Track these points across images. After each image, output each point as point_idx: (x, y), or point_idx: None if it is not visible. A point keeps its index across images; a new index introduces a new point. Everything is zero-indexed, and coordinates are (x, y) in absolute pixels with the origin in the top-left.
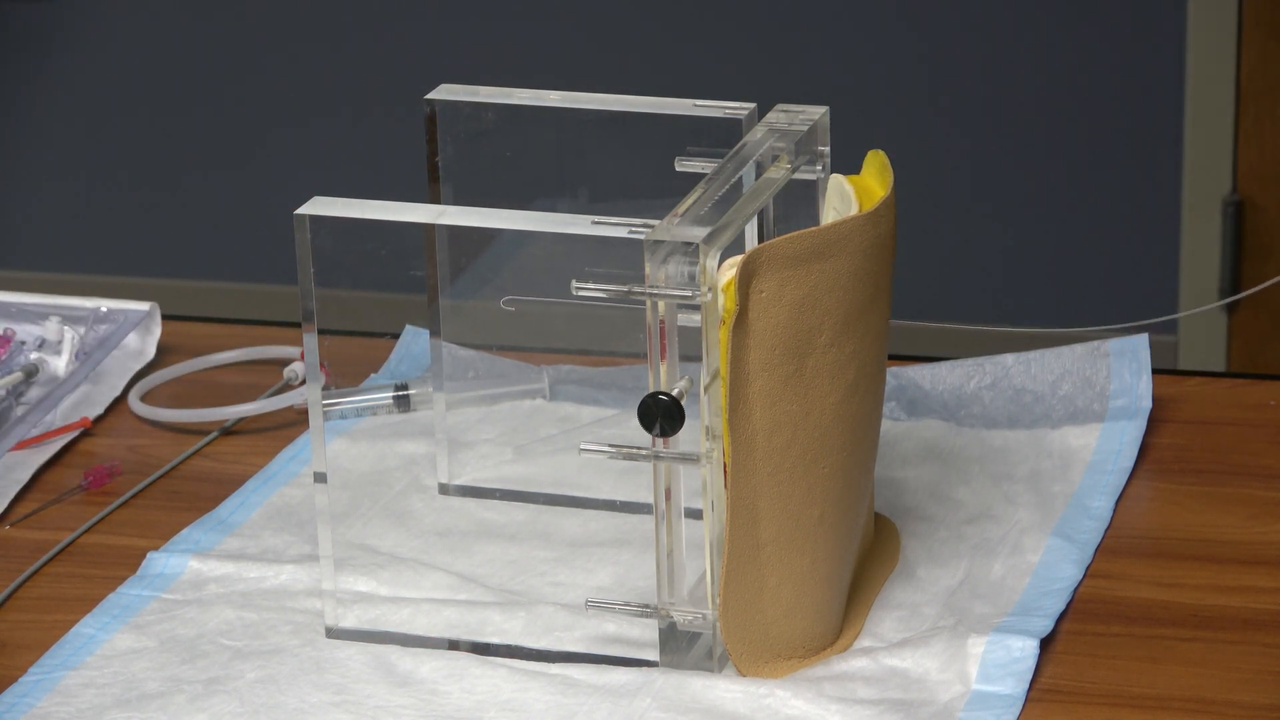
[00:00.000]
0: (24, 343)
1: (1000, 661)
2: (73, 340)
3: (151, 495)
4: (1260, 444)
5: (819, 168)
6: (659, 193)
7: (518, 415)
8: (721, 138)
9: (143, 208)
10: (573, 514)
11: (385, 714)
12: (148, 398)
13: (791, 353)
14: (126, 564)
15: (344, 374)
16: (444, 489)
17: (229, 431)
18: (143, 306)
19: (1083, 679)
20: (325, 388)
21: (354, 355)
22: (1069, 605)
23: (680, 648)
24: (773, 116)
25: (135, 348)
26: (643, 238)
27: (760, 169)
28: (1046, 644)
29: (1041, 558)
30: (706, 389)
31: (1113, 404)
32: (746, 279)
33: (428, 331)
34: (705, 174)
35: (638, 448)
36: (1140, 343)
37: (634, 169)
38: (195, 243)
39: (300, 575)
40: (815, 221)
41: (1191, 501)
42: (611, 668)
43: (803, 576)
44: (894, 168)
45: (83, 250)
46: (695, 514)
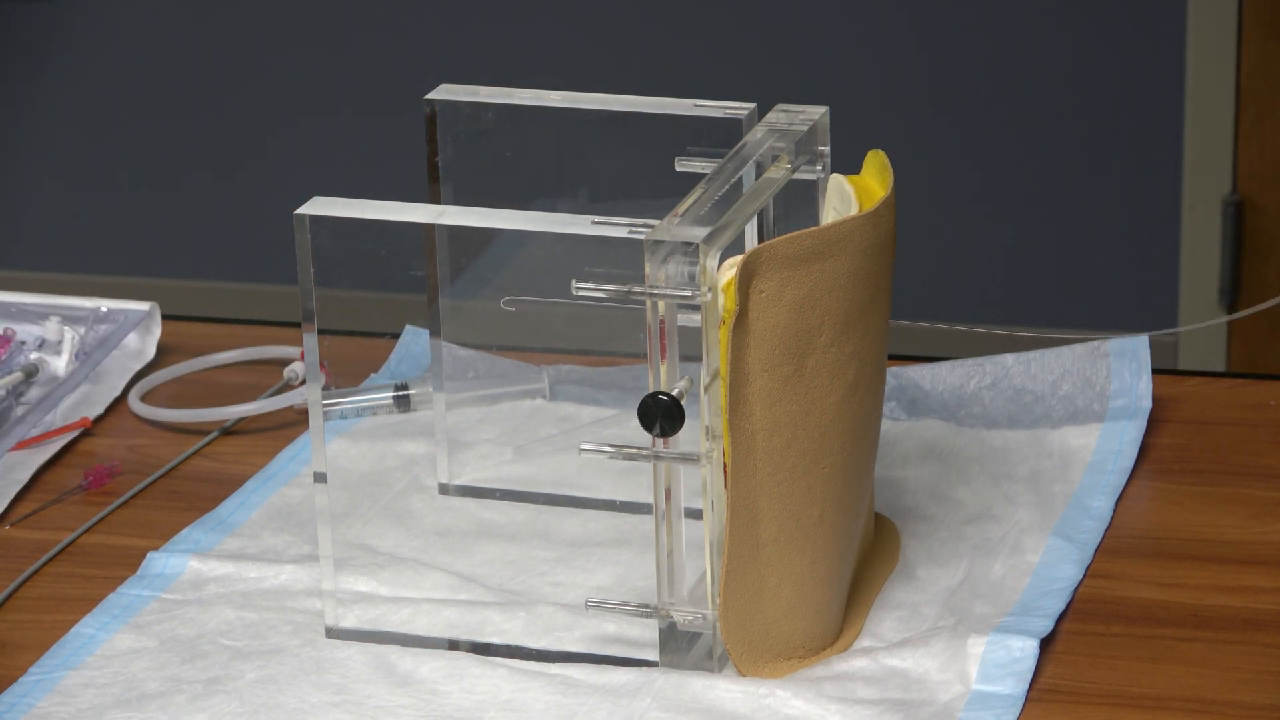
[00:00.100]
0: (24, 343)
1: (1000, 661)
2: (73, 340)
3: (151, 495)
4: (1260, 444)
5: (819, 168)
6: (659, 193)
7: (518, 415)
8: (721, 138)
9: (143, 208)
10: (573, 514)
11: (385, 714)
12: (148, 398)
13: (791, 353)
14: (126, 564)
15: (344, 374)
16: (444, 489)
17: (229, 431)
18: (143, 306)
19: (1083, 679)
20: (325, 388)
21: (354, 355)
22: (1069, 605)
23: (680, 648)
24: (773, 116)
25: (135, 348)
26: (643, 238)
27: (760, 169)
28: (1046, 644)
29: (1041, 558)
30: (706, 389)
31: (1113, 404)
32: (746, 279)
33: (428, 331)
34: (705, 174)
35: (638, 448)
36: (1140, 343)
37: (634, 169)
38: (195, 243)
39: (300, 575)
40: (815, 221)
41: (1191, 501)
42: (611, 668)
43: (803, 576)
44: (894, 168)
45: (83, 250)
46: (695, 514)
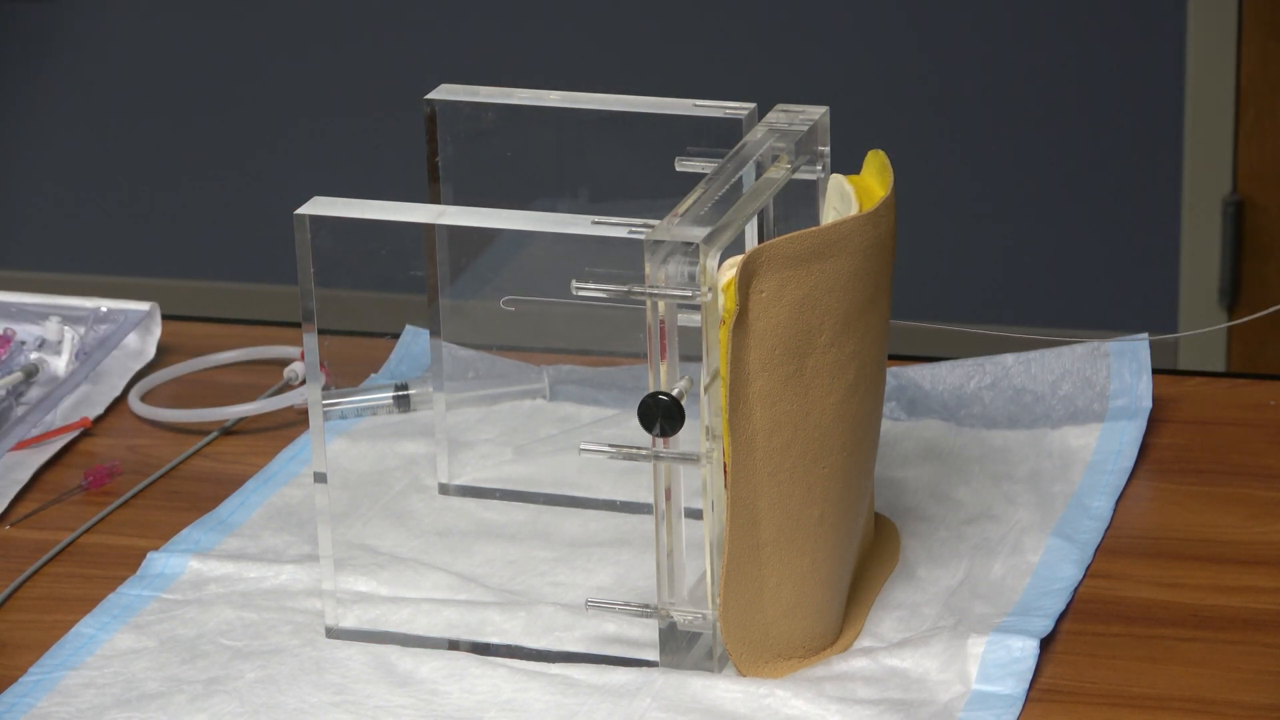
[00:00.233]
0: (24, 343)
1: (1000, 661)
2: (73, 340)
3: (151, 495)
4: (1260, 444)
5: (819, 168)
6: (659, 193)
7: (518, 415)
8: (721, 138)
9: (143, 208)
10: (573, 514)
11: (385, 714)
12: (148, 398)
13: (791, 353)
14: (126, 564)
15: (344, 374)
16: (444, 489)
17: (229, 431)
18: (143, 306)
19: (1083, 679)
20: (325, 388)
21: (354, 355)
22: (1069, 605)
23: (680, 648)
24: (773, 116)
25: (135, 348)
26: (643, 238)
27: (760, 169)
28: (1046, 644)
29: (1041, 558)
30: (706, 389)
31: (1113, 404)
32: (746, 279)
33: (428, 331)
34: (705, 174)
35: (638, 448)
36: (1140, 343)
37: (634, 169)
38: (195, 243)
39: (300, 575)
40: (815, 221)
41: (1191, 501)
42: (611, 668)
43: (803, 576)
44: (894, 168)
45: (83, 250)
46: (695, 514)
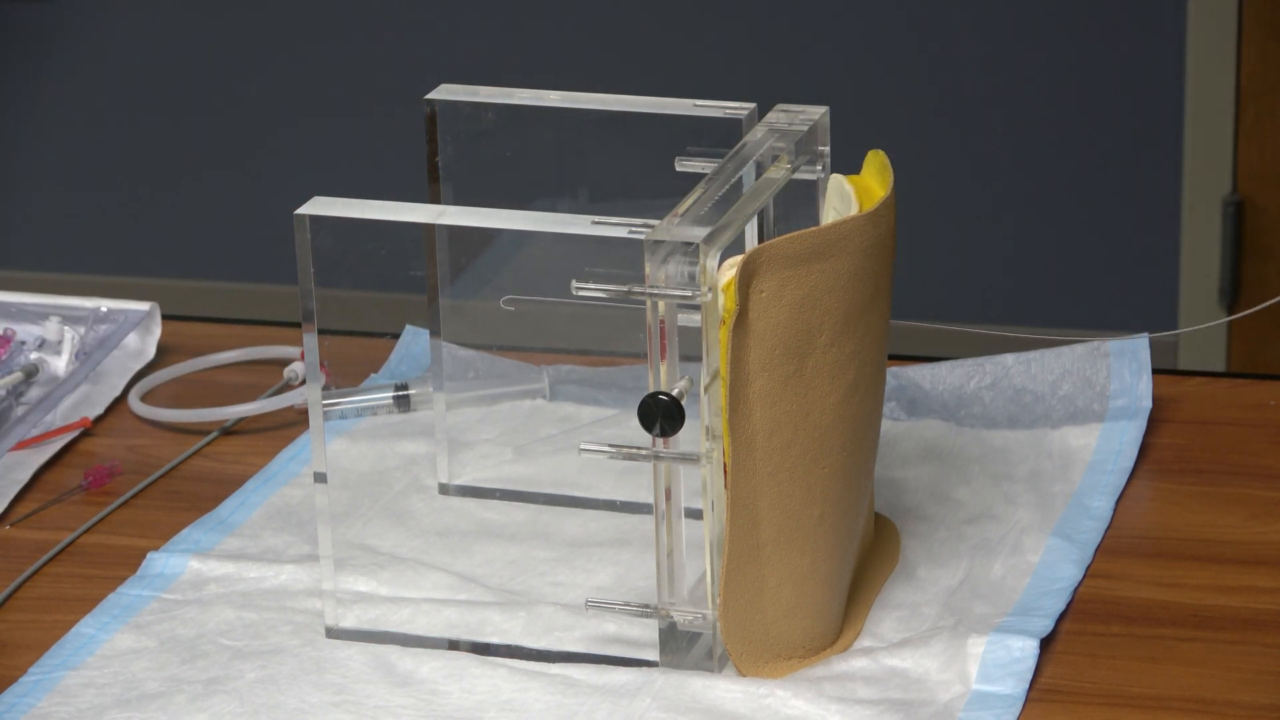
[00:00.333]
0: (24, 343)
1: (1000, 661)
2: (73, 340)
3: (151, 495)
4: (1260, 444)
5: (819, 168)
6: (659, 193)
7: (518, 415)
8: (721, 138)
9: (143, 208)
10: (573, 514)
11: (385, 714)
12: (148, 398)
13: (791, 353)
14: (126, 564)
15: (344, 374)
16: (444, 489)
17: (229, 431)
18: (143, 306)
19: (1083, 679)
20: (325, 388)
21: (354, 355)
22: (1069, 605)
23: (680, 648)
24: (773, 116)
25: (135, 348)
26: (643, 238)
27: (760, 169)
28: (1046, 644)
29: (1041, 558)
30: (706, 389)
31: (1113, 404)
32: (746, 279)
33: (428, 331)
34: (705, 174)
35: (638, 448)
36: (1140, 343)
37: (634, 169)
38: (195, 243)
39: (300, 575)
40: (815, 221)
41: (1191, 501)
42: (611, 668)
43: (803, 576)
44: (894, 168)
45: (83, 250)
46: (695, 514)
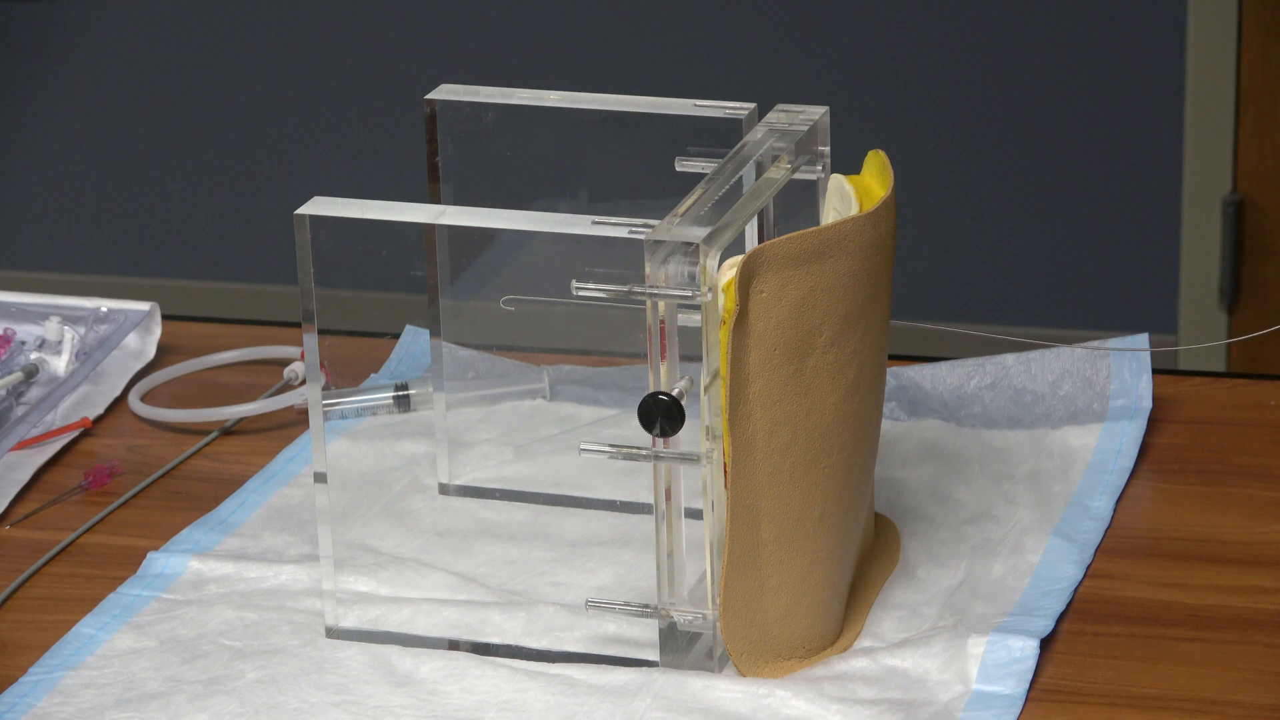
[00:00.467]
0: (24, 343)
1: (1000, 661)
2: (73, 340)
3: (151, 495)
4: (1260, 444)
5: (819, 168)
6: (659, 193)
7: (518, 415)
8: (721, 138)
9: (143, 208)
10: (573, 514)
11: (385, 714)
12: (148, 398)
13: (792, 353)
14: (126, 564)
15: (344, 374)
16: (444, 489)
17: (229, 431)
18: (143, 306)
19: (1083, 679)
20: (325, 388)
21: (354, 355)
22: (1069, 605)
23: (680, 648)
24: (773, 116)
25: (135, 348)
26: (643, 238)
27: (760, 169)
28: (1046, 644)
29: (1042, 558)
30: (706, 389)
31: (1113, 404)
32: (747, 279)
33: (428, 331)
34: (705, 174)
35: (638, 448)
36: (1140, 343)
37: (634, 169)
38: (195, 243)
39: (300, 575)
40: (815, 221)
41: (1191, 501)
42: (611, 668)
43: (803, 576)
44: (894, 168)
45: (83, 250)
46: (695, 514)
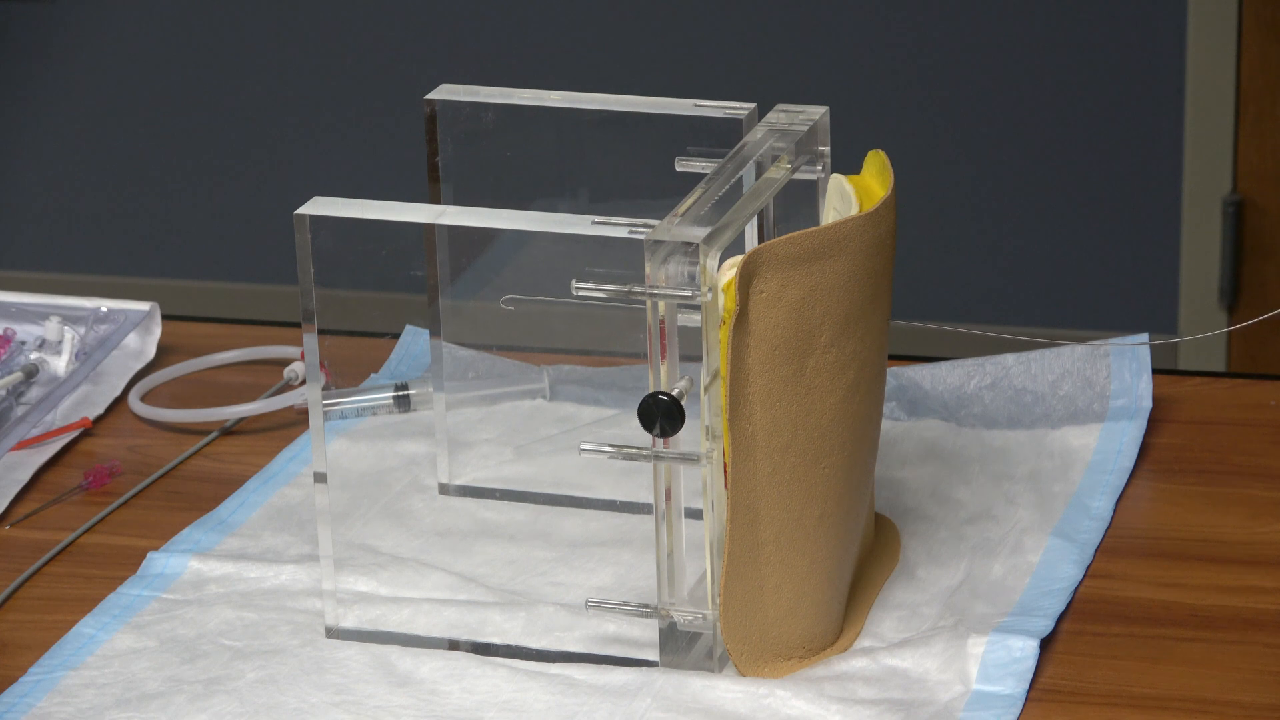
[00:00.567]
0: (24, 343)
1: (1000, 661)
2: (73, 340)
3: (151, 495)
4: (1260, 444)
5: (819, 168)
6: (659, 193)
7: (518, 415)
8: (721, 138)
9: (143, 208)
10: (573, 514)
11: (385, 714)
12: (148, 398)
13: (792, 353)
14: (126, 564)
15: (344, 374)
16: (444, 489)
17: (229, 431)
18: (143, 306)
19: (1083, 679)
20: (325, 388)
21: (354, 355)
22: (1069, 605)
23: (680, 648)
24: (773, 116)
25: (135, 348)
26: (643, 238)
27: (760, 169)
28: (1046, 644)
29: (1042, 558)
30: (706, 389)
31: (1113, 404)
32: (747, 279)
33: (428, 331)
34: (705, 174)
35: (638, 448)
36: (1139, 342)
37: (634, 169)
38: (195, 243)
39: (300, 575)
40: (815, 221)
41: (1191, 501)
42: (611, 668)
43: (803, 576)
44: (894, 168)
45: (83, 250)
46: (695, 514)
